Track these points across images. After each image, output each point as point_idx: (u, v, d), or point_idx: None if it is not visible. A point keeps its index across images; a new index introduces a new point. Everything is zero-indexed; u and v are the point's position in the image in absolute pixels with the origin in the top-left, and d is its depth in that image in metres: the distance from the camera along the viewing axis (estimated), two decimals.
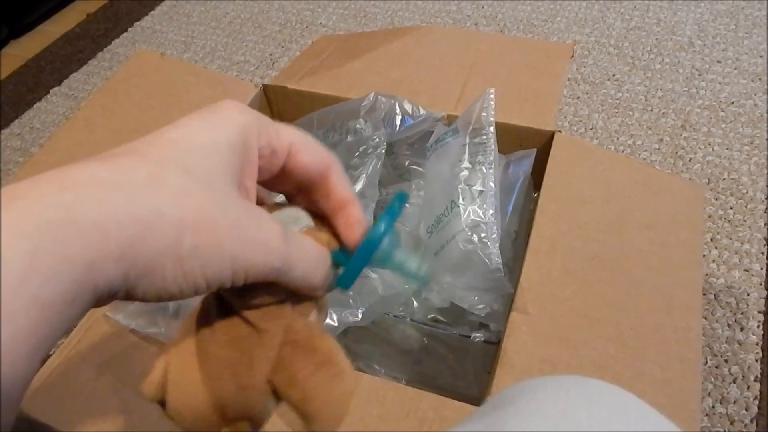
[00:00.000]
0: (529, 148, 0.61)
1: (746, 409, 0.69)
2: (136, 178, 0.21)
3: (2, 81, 1.33)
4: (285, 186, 0.29)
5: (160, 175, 0.22)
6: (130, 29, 1.44)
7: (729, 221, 0.88)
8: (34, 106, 1.25)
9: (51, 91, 1.28)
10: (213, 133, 0.24)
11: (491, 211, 0.49)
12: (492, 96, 0.54)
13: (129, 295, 0.21)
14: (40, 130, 1.19)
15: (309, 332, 0.27)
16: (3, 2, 1.38)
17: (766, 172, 0.94)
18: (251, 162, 0.26)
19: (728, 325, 0.77)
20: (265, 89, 0.70)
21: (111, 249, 0.19)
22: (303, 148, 0.27)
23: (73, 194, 0.19)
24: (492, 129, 0.53)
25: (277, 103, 0.71)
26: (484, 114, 0.53)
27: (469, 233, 0.49)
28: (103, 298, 0.20)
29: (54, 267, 0.18)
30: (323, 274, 0.27)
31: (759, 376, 0.72)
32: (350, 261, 0.28)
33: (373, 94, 0.60)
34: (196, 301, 0.28)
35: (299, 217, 0.29)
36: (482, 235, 0.48)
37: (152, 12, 1.48)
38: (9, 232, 0.18)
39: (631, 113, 1.06)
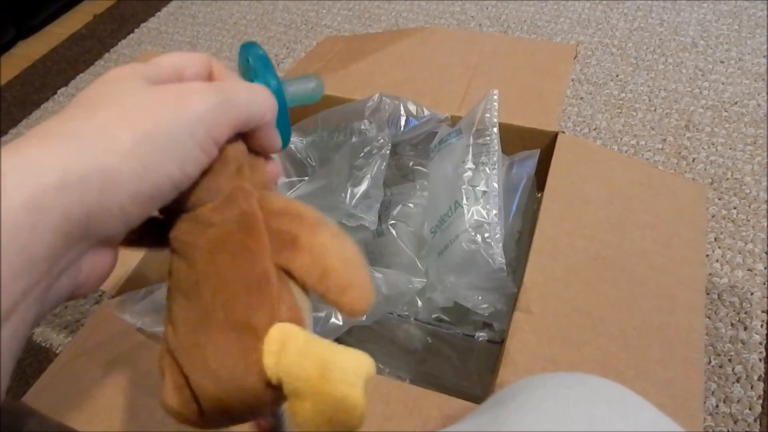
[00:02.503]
0: (533, 149, 0.61)
1: (750, 409, 0.70)
2: (83, 125, 0.22)
3: (10, 81, 1.34)
4: None
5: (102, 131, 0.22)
6: (136, 30, 1.45)
7: (732, 221, 0.88)
8: (41, 106, 1.26)
9: (58, 91, 1.29)
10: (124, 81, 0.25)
11: (495, 212, 0.50)
12: (495, 97, 0.55)
13: (110, 222, 0.21)
14: None
15: (284, 200, 0.26)
16: (11, 4, 1.39)
17: None
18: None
19: (732, 324, 0.77)
20: None
21: (49, 180, 0.19)
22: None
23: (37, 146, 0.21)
24: (495, 130, 0.54)
25: None
26: (488, 115, 0.53)
27: (473, 233, 0.49)
28: (74, 234, 0.20)
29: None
30: (269, 101, 0.27)
31: (762, 375, 0.72)
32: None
33: (377, 95, 0.61)
34: None
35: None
36: (486, 235, 0.49)
37: (158, 13, 1.49)
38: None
39: (635, 113, 1.06)
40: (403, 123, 0.60)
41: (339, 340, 0.59)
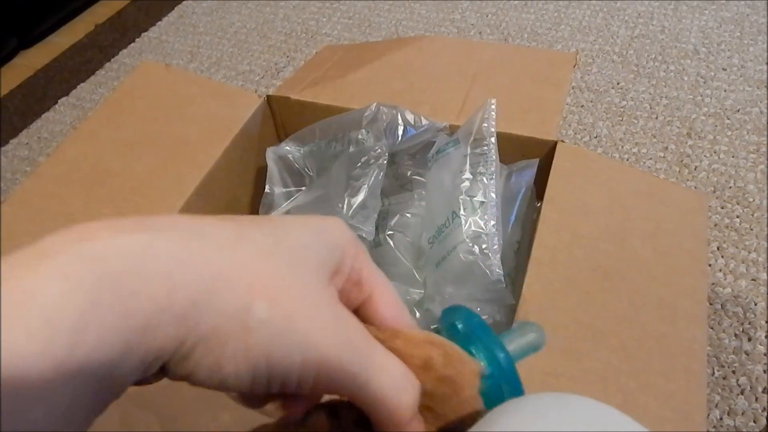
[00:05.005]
0: (532, 158, 0.61)
1: (754, 421, 0.69)
2: (220, 230, 0.19)
3: (12, 91, 1.34)
4: None
5: (246, 232, 0.20)
6: (137, 40, 1.45)
7: (735, 230, 0.87)
8: (42, 116, 1.27)
9: (59, 101, 1.30)
10: (313, 238, 0.22)
11: (492, 222, 0.49)
12: (493, 106, 0.54)
13: (174, 370, 0.18)
14: (47, 140, 1.20)
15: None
16: (12, 14, 1.40)
17: None
18: (338, 284, 0.23)
19: (735, 335, 0.76)
20: (269, 100, 0.70)
21: (175, 303, 0.17)
22: (386, 298, 0.24)
23: (148, 236, 0.17)
24: (493, 139, 0.53)
25: (280, 113, 0.72)
26: (485, 124, 0.53)
27: (470, 244, 0.48)
28: (152, 365, 0.17)
29: (109, 326, 0.15)
30: (409, 400, 0.22)
31: (767, 387, 0.71)
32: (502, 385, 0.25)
33: (375, 104, 0.60)
34: None
35: None
36: (483, 246, 0.48)
37: (159, 22, 1.50)
38: (65, 284, 0.15)
39: (636, 121, 1.06)
40: (400, 132, 0.59)
41: None
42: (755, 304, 0.79)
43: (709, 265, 0.84)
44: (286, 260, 0.20)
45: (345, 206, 0.54)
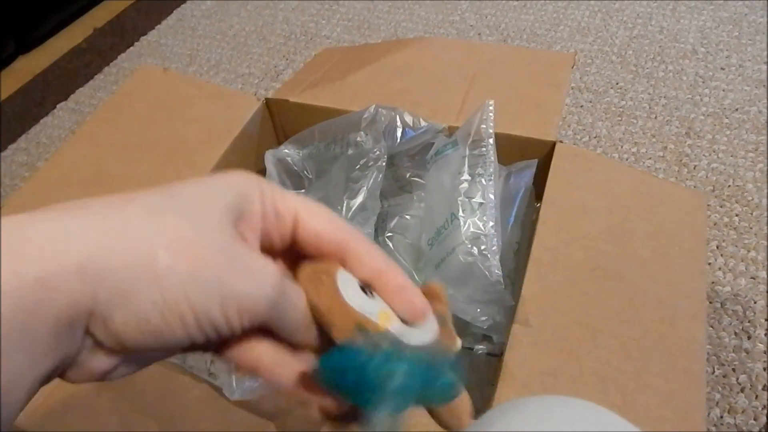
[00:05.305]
0: (531, 159, 0.61)
1: (755, 419, 0.69)
2: (108, 199, 0.20)
3: (11, 95, 1.34)
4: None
5: (134, 197, 0.20)
6: (136, 43, 1.45)
7: (734, 228, 0.87)
8: (41, 120, 1.26)
9: (58, 105, 1.29)
10: (208, 190, 0.22)
11: (491, 224, 0.49)
12: (491, 107, 0.55)
13: (109, 328, 0.19)
14: (46, 145, 1.20)
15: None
16: (11, 18, 1.40)
17: None
18: (251, 227, 0.24)
19: (735, 333, 0.76)
20: (268, 102, 0.71)
21: (65, 263, 0.18)
22: (311, 214, 0.25)
23: (28, 216, 0.18)
24: (491, 141, 0.53)
25: (279, 116, 0.72)
26: (484, 126, 0.53)
27: (470, 246, 0.48)
28: (76, 327, 0.19)
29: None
30: (311, 335, 0.24)
31: (767, 384, 0.71)
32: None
33: (373, 106, 0.60)
34: None
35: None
36: (482, 247, 0.48)
37: (158, 26, 1.50)
38: None
39: (635, 121, 1.06)
40: (399, 134, 0.59)
41: None
42: (755, 303, 0.79)
43: (709, 264, 0.84)
44: (182, 213, 0.20)
45: (344, 208, 0.54)
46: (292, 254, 0.26)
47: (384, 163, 0.57)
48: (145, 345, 0.20)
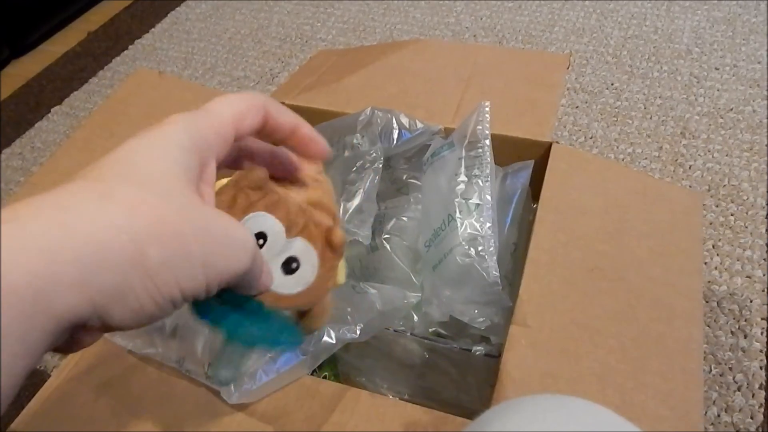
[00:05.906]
0: (527, 160, 0.61)
1: (751, 417, 0.69)
2: (82, 197, 0.21)
3: (4, 101, 1.34)
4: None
5: (106, 190, 0.21)
6: (130, 47, 1.45)
7: (730, 228, 0.88)
8: (36, 125, 1.26)
9: (52, 110, 1.29)
10: (159, 142, 0.24)
11: (488, 225, 0.49)
12: (487, 109, 0.55)
13: (106, 324, 0.20)
14: (41, 150, 1.20)
15: None
16: (4, 23, 1.39)
17: (766, 177, 0.94)
18: (207, 166, 0.25)
19: (732, 332, 0.76)
20: None
21: (65, 273, 0.18)
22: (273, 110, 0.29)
23: (14, 225, 0.19)
24: (487, 142, 0.53)
25: None
26: (480, 127, 0.53)
27: (467, 247, 0.48)
28: (77, 327, 0.20)
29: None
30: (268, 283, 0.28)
31: (764, 383, 0.71)
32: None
33: (369, 108, 0.60)
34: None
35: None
36: (479, 248, 0.48)
37: (152, 30, 1.50)
38: None
39: (630, 121, 1.06)
40: (395, 136, 0.59)
41: (336, 357, 0.59)
42: (751, 301, 0.79)
43: (705, 263, 0.84)
44: (153, 196, 0.21)
45: (341, 211, 0.54)
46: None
47: (380, 165, 0.57)
48: (137, 326, 0.21)
